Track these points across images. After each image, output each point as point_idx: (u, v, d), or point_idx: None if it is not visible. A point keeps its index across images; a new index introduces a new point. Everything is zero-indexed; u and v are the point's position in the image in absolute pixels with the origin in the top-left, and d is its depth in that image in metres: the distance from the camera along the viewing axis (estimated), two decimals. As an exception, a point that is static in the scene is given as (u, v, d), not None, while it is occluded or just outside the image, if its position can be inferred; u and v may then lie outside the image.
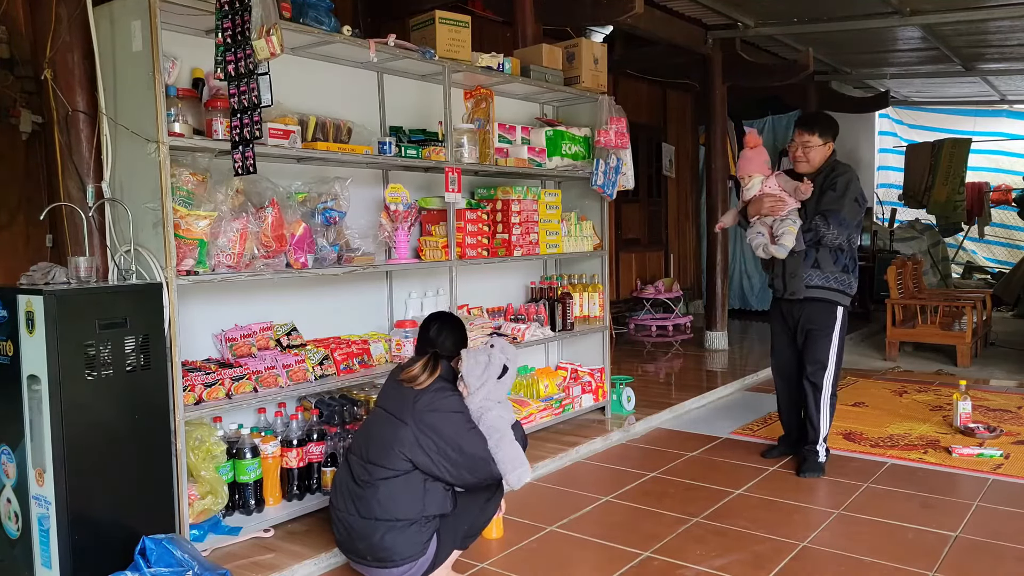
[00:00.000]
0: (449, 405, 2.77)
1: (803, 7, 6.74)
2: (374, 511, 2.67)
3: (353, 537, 2.73)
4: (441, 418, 2.73)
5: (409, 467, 2.69)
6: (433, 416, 2.72)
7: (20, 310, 2.64)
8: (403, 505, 2.67)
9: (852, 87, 10.58)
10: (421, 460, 2.69)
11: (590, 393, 4.93)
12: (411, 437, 2.69)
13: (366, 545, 2.70)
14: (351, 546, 2.76)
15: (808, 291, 3.93)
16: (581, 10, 5.47)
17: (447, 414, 2.74)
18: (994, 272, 12.52)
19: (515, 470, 2.74)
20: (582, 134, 4.82)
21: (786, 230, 3.82)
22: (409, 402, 2.76)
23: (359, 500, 2.72)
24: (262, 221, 3.17)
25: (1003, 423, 4.89)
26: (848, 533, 3.31)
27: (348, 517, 2.74)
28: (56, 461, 2.58)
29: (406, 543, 2.67)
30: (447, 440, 2.70)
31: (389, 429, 2.74)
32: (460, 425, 2.74)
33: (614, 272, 8.93)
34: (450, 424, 2.73)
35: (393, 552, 2.66)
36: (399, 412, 2.76)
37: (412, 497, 2.69)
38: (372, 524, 2.67)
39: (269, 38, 2.74)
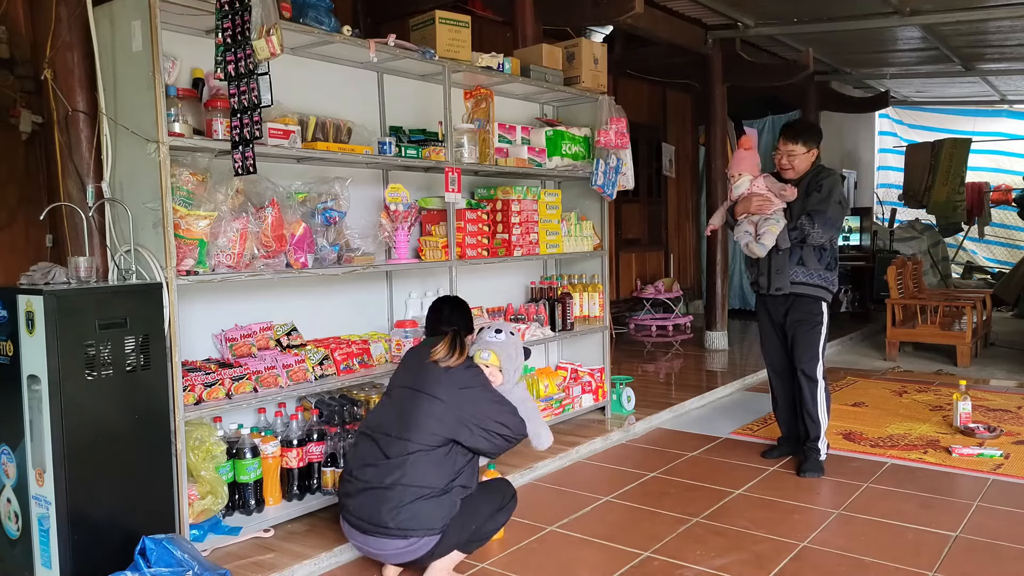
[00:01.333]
0: (482, 382, 2.95)
1: (803, 7, 6.75)
2: (406, 479, 2.72)
3: (375, 505, 2.73)
4: (478, 395, 2.89)
5: (444, 441, 2.79)
6: (471, 393, 2.88)
7: (20, 310, 2.64)
8: (435, 475, 2.76)
9: (852, 87, 10.58)
10: (462, 435, 2.81)
11: (590, 393, 4.93)
12: (448, 413, 2.80)
13: (389, 512, 2.70)
14: (368, 515, 2.75)
15: (793, 287, 4.03)
16: (581, 10, 5.47)
17: (482, 390, 2.92)
18: (994, 272, 12.53)
19: (542, 436, 3.09)
20: (582, 134, 4.82)
21: (768, 229, 3.95)
22: (442, 380, 2.87)
23: (390, 471, 2.75)
24: (262, 221, 3.17)
25: (1003, 423, 4.89)
26: (848, 533, 3.31)
27: (372, 487, 2.76)
28: (56, 461, 2.58)
29: (430, 514, 2.72)
30: (488, 414, 2.86)
31: (424, 406, 2.82)
32: (497, 399, 2.93)
33: (614, 272, 8.93)
34: (487, 399, 2.90)
35: (417, 520, 2.70)
36: (432, 390, 2.85)
37: (444, 468, 2.79)
38: (401, 490, 2.71)
39: (269, 38, 2.74)
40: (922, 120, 12.36)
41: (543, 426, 3.11)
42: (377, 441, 2.84)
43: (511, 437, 2.94)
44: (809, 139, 4.05)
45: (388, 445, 2.80)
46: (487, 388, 2.96)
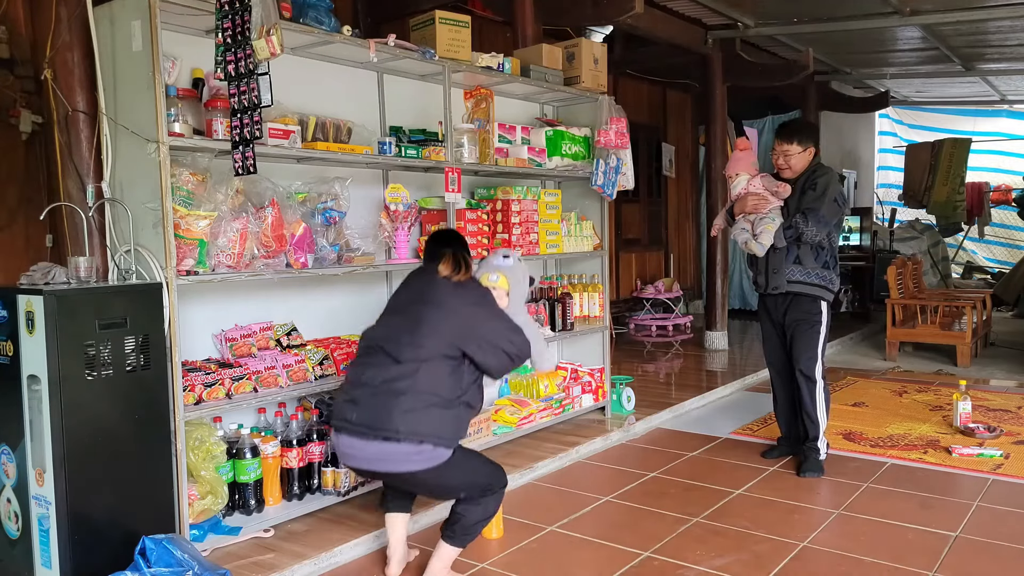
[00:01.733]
0: (491, 300, 2.94)
1: (803, 7, 6.75)
2: (419, 385, 2.69)
3: (385, 408, 2.67)
4: (488, 311, 2.88)
5: (455, 353, 2.76)
6: (481, 309, 2.87)
7: (20, 310, 2.64)
8: (446, 385, 2.73)
9: (852, 87, 10.58)
10: (471, 347, 2.77)
11: (590, 393, 4.93)
12: (459, 325, 2.78)
13: (402, 416, 2.65)
14: (375, 419, 2.67)
15: (790, 286, 4.03)
16: (581, 10, 5.47)
17: (491, 307, 2.91)
18: (994, 272, 12.53)
19: (545, 357, 3.16)
20: (582, 134, 4.82)
21: (764, 228, 3.97)
22: (452, 293, 2.85)
23: (402, 375, 2.70)
24: (262, 221, 3.17)
25: (1003, 423, 4.89)
26: (848, 533, 3.31)
27: (381, 391, 2.70)
28: (56, 461, 2.58)
29: (441, 422, 2.70)
30: (497, 331, 2.83)
31: (436, 315, 2.79)
32: (505, 318, 2.92)
33: (614, 272, 8.93)
34: (496, 316, 2.89)
35: (429, 425, 2.66)
36: (444, 302, 2.83)
37: (455, 380, 2.76)
38: (414, 395, 2.67)
39: (269, 38, 2.74)
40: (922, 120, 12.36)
41: (547, 349, 3.16)
42: (385, 348, 2.78)
43: (516, 356, 2.90)
44: (805, 138, 4.04)
45: (399, 350, 2.75)
46: (495, 306, 2.95)
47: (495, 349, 2.82)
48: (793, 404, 4.23)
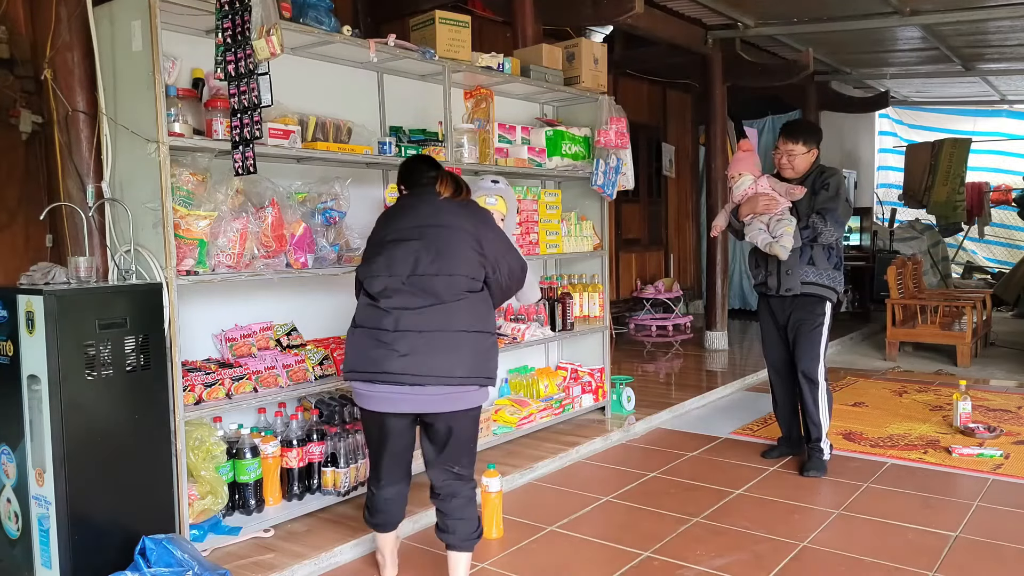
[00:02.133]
0: (495, 219, 2.87)
1: (803, 7, 6.74)
2: (468, 321, 2.59)
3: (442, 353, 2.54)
4: (496, 230, 2.78)
5: (481, 279, 2.68)
6: (492, 229, 2.76)
7: (20, 310, 2.64)
8: (487, 316, 2.68)
9: (852, 87, 10.58)
10: (492, 274, 2.70)
11: (590, 393, 4.93)
12: (481, 245, 2.67)
13: (458, 357, 2.55)
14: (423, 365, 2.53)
15: (803, 287, 4.00)
16: (581, 10, 5.47)
17: (496, 226, 2.81)
18: (994, 272, 12.52)
19: (534, 285, 3.10)
20: (582, 134, 4.82)
21: (784, 230, 3.89)
22: (462, 212, 2.71)
23: (450, 316, 2.58)
24: (262, 221, 3.17)
25: (1003, 423, 4.89)
26: (848, 533, 3.31)
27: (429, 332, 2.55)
28: (56, 461, 2.58)
29: (491, 358, 2.65)
30: (504, 251, 2.75)
31: (459, 237, 2.65)
32: (511, 243, 2.84)
33: (614, 272, 8.93)
34: (502, 236, 2.80)
35: (486, 366, 2.62)
36: (459, 222, 2.68)
37: (488, 309, 2.70)
38: (467, 336, 2.58)
39: (269, 38, 2.74)
40: (922, 120, 12.35)
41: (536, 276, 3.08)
42: (418, 285, 2.59)
43: (518, 282, 2.82)
44: (809, 139, 4.03)
45: (434, 287, 2.58)
46: (500, 229, 2.85)
47: (500, 272, 2.72)
48: (794, 404, 4.23)
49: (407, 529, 3.29)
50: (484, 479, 3.30)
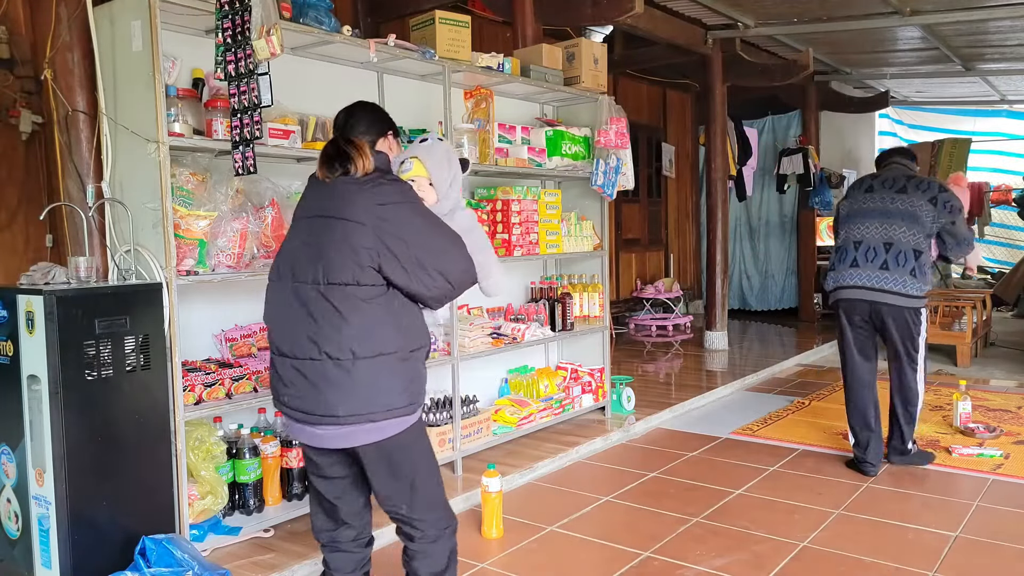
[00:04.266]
0: (411, 197, 2.20)
1: (803, 7, 6.74)
2: (351, 346, 2.08)
3: (322, 388, 2.11)
4: (406, 213, 2.14)
5: (382, 284, 2.13)
6: (395, 210, 2.13)
7: (20, 310, 2.64)
8: (383, 335, 2.11)
9: (852, 87, 10.58)
10: (390, 268, 2.11)
11: (590, 393, 4.93)
12: (373, 240, 2.09)
13: (339, 395, 2.09)
14: (312, 402, 2.13)
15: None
16: (581, 10, 5.47)
17: (411, 208, 2.16)
18: (994, 272, 12.52)
19: (492, 275, 2.36)
20: (582, 134, 4.82)
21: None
22: (356, 198, 2.13)
23: (325, 339, 2.09)
24: (262, 221, 3.17)
25: (1003, 423, 4.89)
26: (848, 533, 3.31)
27: (311, 364, 2.11)
28: (56, 461, 2.58)
29: (391, 387, 2.12)
30: (423, 243, 2.13)
31: (342, 235, 2.11)
32: (434, 223, 2.19)
33: (614, 272, 8.93)
34: (420, 221, 2.16)
35: (377, 397, 2.10)
36: (348, 212, 2.12)
37: (391, 324, 2.13)
38: (351, 364, 2.08)
39: (269, 38, 2.74)
40: (922, 120, 12.34)
41: (495, 262, 2.34)
42: (300, 297, 2.15)
43: (453, 277, 2.19)
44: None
45: (318, 300, 2.11)
46: (419, 205, 2.19)
47: (423, 271, 2.13)
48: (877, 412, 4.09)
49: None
50: (484, 479, 3.30)
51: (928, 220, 3.91)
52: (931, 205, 3.91)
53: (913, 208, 3.91)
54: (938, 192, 3.95)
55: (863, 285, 3.92)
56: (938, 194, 3.94)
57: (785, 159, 9.56)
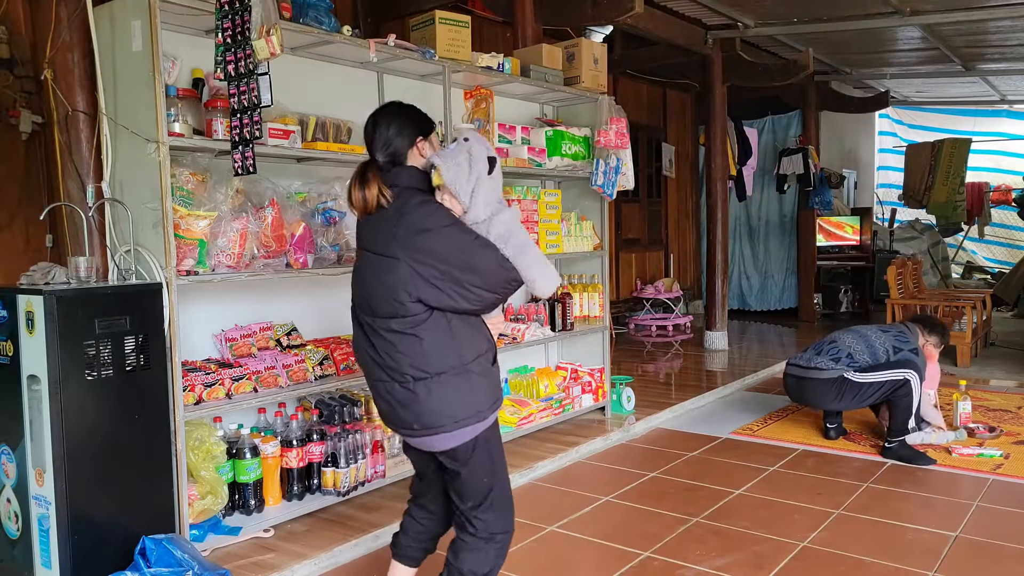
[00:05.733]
0: (443, 220, 2.20)
1: (803, 7, 6.74)
2: (404, 369, 2.19)
3: (394, 406, 2.26)
4: (434, 237, 2.16)
5: (423, 310, 2.18)
6: (424, 238, 2.16)
7: (20, 310, 2.64)
8: (435, 355, 2.19)
9: (852, 87, 10.58)
10: (430, 295, 2.15)
11: (590, 393, 4.93)
12: (408, 273, 2.15)
13: (410, 413, 2.22)
14: (396, 418, 2.29)
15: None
16: (581, 10, 5.47)
17: (439, 230, 2.17)
18: (994, 272, 12.52)
19: (537, 278, 2.28)
20: (582, 134, 4.82)
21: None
22: (390, 231, 2.18)
23: (386, 367, 2.23)
24: (262, 221, 3.17)
25: (1003, 423, 4.89)
26: (848, 533, 3.31)
27: (385, 385, 2.26)
28: (56, 461, 2.58)
29: (453, 400, 2.20)
30: (450, 261, 2.16)
31: (383, 273, 2.20)
32: (459, 238, 2.19)
33: (614, 272, 8.93)
34: (447, 240, 2.17)
35: (441, 414, 2.19)
36: (385, 248, 2.19)
37: (442, 343, 2.19)
38: (411, 385, 2.20)
39: (269, 38, 2.74)
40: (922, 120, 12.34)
41: (540, 266, 2.28)
42: (363, 328, 2.29)
43: (497, 288, 2.22)
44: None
45: (371, 332, 2.25)
46: (450, 227, 2.19)
47: (459, 288, 2.16)
48: None
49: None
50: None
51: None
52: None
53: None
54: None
55: None
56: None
57: (785, 159, 9.56)
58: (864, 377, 4.37)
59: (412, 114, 2.36)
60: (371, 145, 2.33)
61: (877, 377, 4.34)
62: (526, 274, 2.26)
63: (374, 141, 2.32)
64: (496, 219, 2.25)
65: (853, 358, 4.44)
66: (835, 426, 4.68)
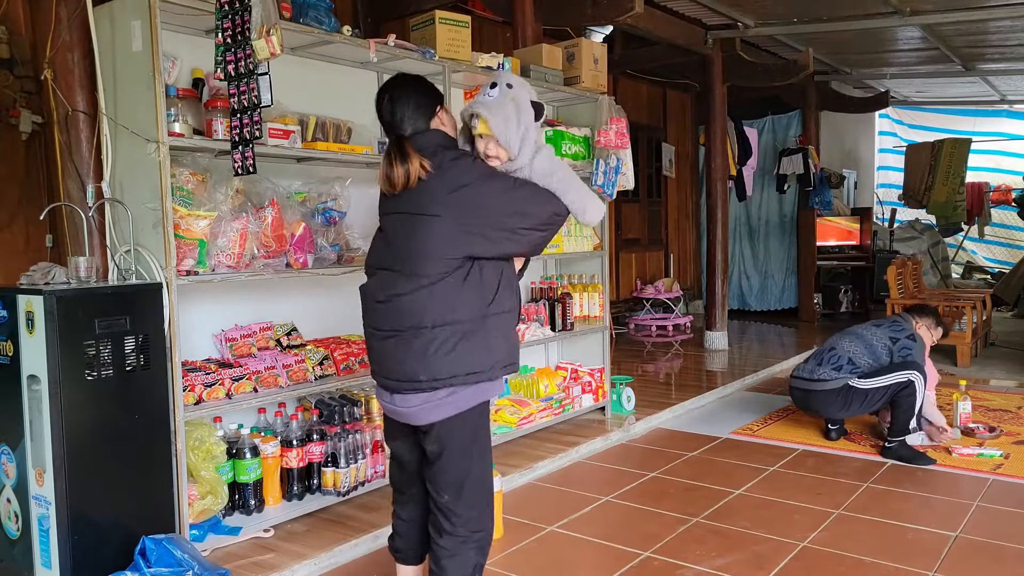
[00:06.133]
0: (480, 172, 2.23)
1: (803, 7, 6.74)
2: (431, 318, 2.16)
3: (406, 356, 2.20)
4: (479, 191, 2.19)
5: (462, 262, 2.19)
6: (464, 192, 2.17)
7: (20, 310, 2.64)
8: (465, 302, 2.19)
9: (852, 87, 10.58)
10: (481, 246, 2.18)
11: (590, 393, 4.93)
12: (453, 229, 2.16)
13: (420, 363, 2.18)
14: (397, 369, 2.23)
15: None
16: (581, 10, 5.47)
17: (481, 182, 2.21)
18: (994, 272, 12.52)
19: (588, 208, 2.32)
20: (582, 134, 4.82)
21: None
22: (429, 192, 2.18)
23: (408, 312, 2.18)
24: (262, 221, 3.17)
25: (1003, 423, 4.89)
26: (848, 533, 3.31)
27: (395, 336, 2.22)
28: (56, 461, 2.58)
29: (471, 351, 2.19)
30: (497, 208, 2.19)
31: (421, 229, 2.18)
32: (506, 187, 2.22)
33: (614, 272, 8.93)
34: (493, 192, 2.21)
35: (457, 364, 2.17)
36: (425, 208, 2.18)
37: (474, 290, 2.20)
38: (429, 333, 2.17)
39: (269, 38, 2.74)
40: (922, 120, 12.34)
41: (586, 195, 2.32)
42: (389, 280, 2.25)
43: (543, 225, 2.25)
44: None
45: (405, 280, 2.21)
46: (489, 177, 2.23)
47: (510, 233, 2.20)
48: None
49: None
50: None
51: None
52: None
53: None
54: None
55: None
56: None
57: (785, 159, 9.56)
58: (868, 383, 4.36)
59: (427, 86, 2.39)
60: (392, 120, 2.31)
61: (881, 382, 4.32)
62: (576, 205, 2.29)
63: (398, 120, 2.30)
64: (538, 157, 2.28)
65: (855, 364, 4.43)
66: (837, 427, 4.68)
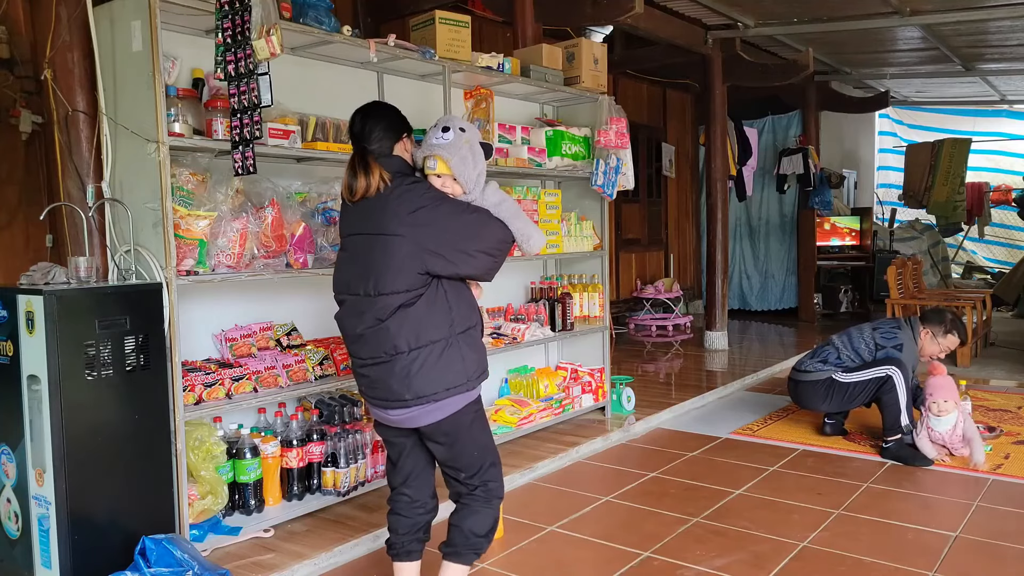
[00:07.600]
0: (435, 196, 2.40)
1: (803, 7, 6.74)
2: (406, 342, 2.33)
3: (389, 380, 2.36)
4: (435, 213, 2.36)
5: (427, 281, 2.36)
6: (423, 213, 2.34)
7: (20, 310, 2.64)
8: (433, 324, 2.35)
9: (852, 87, 10.58)
10: (437, 264, 2.34)
11: (590, 393, 4.93)
12: (413, 247, 2.32)
13: (404, 384, 2.34)
14: (384, 391, 2.39)
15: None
16: (581, 10, 5.47)
17: (437, 205, 2.37)
18: (994, 272, 12.52)
19: (532, 236, 2.54)
20: (582, 134, 4.82)
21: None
22: (391, 211, 2.35)
23: (384, 339, 2.34)
24: (262, 221, 3.17)
25: (1003, 423, 4.89)
26: (848, 533, 3.31)
27: (377, 363, 2.38)
28: (56, 461, 2.58)
29: (445, 369, 2.35)
30: (451, 229, 2.36)
31: (386, 249, 2.34)
32: (460, 210, 2.41)
33: (614, 272, 8.93)
34: (448, 214, 2.38)
35: (436, 381, 2.34)
36: (385, 228, 2.34)
37: (440, 312, 2.37)
38: (406, 357, 2.33)
39: (269, 38, 2.74)
40: (922, 120, 12.35)
41: (530, 224, 2.54)
42: (358, 308, 2.39)
43: (493, 249, 2.44)
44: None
45: (371, 307, 2.36)
46: (443, 201, 2.40)
47: (464, 255, 2.37)
48: None
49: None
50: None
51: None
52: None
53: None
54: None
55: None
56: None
57: (785, 159, 9.56)
58: (848, 377, 4.44)
59: (397, 114, 2.59)
60: (361, 136, 2.48)
61: (860, 376, 4.40)
62: (521, 233, 2.51)
63: (366, 133, 2.48)
64: (488, 189, 2.51)
65: (840, 358, 4.51)
66: (832, 423, 4.72)
